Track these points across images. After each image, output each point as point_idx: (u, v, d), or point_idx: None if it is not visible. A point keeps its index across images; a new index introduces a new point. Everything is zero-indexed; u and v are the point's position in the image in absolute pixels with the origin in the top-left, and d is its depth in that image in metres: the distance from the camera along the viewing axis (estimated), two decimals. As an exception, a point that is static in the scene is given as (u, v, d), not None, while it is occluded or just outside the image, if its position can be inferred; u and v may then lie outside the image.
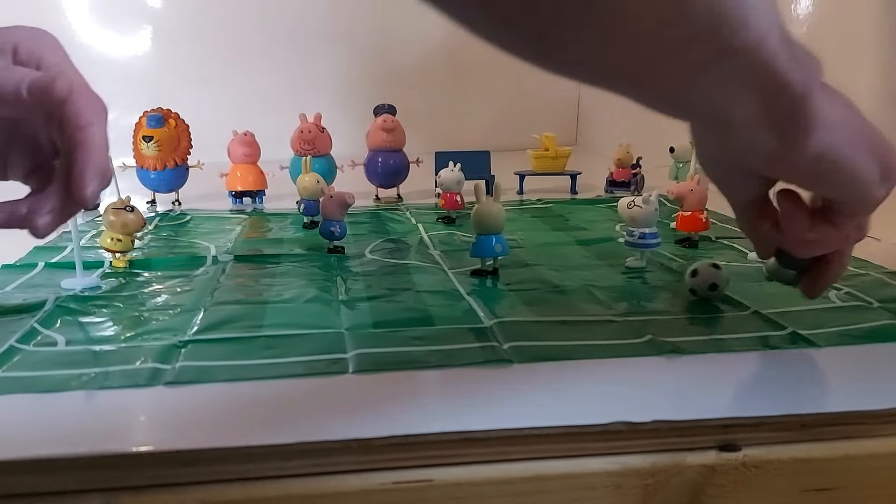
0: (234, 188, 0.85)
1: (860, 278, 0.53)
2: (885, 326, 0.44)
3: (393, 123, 0.86)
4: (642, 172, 0.91)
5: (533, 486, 0.31)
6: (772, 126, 0.32)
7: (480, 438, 0.31)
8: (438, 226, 0.74)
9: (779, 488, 0.33)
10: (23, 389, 0.35)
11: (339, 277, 0.55)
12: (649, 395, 0.36)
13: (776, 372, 0.39)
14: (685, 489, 0.32)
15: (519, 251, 0.63)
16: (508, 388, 0.36)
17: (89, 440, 0.30)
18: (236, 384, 0.36)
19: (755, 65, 0.29)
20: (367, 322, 0.45)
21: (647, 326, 0.44)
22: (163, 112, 0.82)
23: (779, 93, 0.31)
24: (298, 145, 0.84)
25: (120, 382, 0.36)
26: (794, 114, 0.31)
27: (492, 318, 0.45)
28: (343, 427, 0.31)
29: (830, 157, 0.33)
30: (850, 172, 0.34)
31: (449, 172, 0.75)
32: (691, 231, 0.65)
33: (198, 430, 0.31)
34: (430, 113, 0.65)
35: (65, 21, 1.29)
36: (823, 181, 0.35)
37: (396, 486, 0.30)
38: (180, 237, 0.70)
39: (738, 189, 0.40)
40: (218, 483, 0.30)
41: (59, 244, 0.65)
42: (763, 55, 0.29)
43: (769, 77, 0.30)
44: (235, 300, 0.50)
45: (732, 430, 0.33)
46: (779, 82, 0.30)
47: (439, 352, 0.40)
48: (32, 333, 0.43)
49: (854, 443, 0.33)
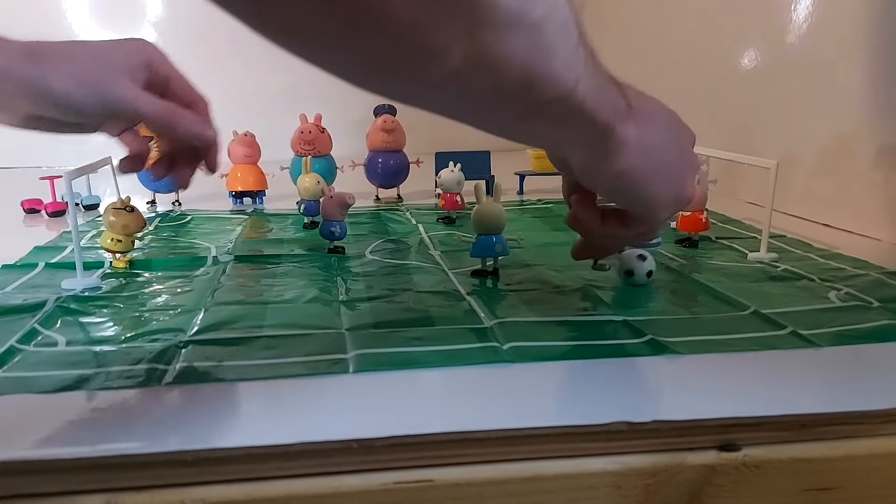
0: (234, 188, 0.85)
1: (860, 278, 0.53)
2: (884, 326, 0.44)
3: (393, 124, 0.86)
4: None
5: (533, 486, 0.31)
6: (583, 147, 0.38)
7: (480, 438, 0.31)
8: (438, 226, 0.74)
9: (779, 488, 0.33)
10: (23, 389, 0.35)
11: (340, 278, 0.55)
12: (649, 394, 0.36)
13: (776, 372, 0.39)
14: (685, 489, 0.32)
15: (519, 251, 0.63)
16: (508, 388, 0.36)
17: (90, 440, 0.30)
18: (236, 384, 0.36)
19: (567, 109, 0.34)
20: (368, 322, 0.45)
21: (647, 326, 0.44)
22: (163, 112, 0.81)
23: (589, 126, 0.36)
24: (298, 145, 0.84)
25: (120, 383, 0.36)
26: (601, 142, 0.37)
27: (492, 318, 0.45)
28: (343, 427, 0.31)
29: (628, 177, 0.39)
30: (643, 193, 0.40)
31: (449, 172, 0.75)
32: (691, 231, 0.65)
33: (198, 430, 0.31)
34: (430, 113, 0.65)
35: (65, 21, 1.29)
36: (619, 195, 0.42)
37: (397, 487, 0.30)
38: (180, 237, 0.70)
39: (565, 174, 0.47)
40: (218, 483, 0.30)
41: (59, 244, 0.65)
42: (573, 102, 0.34)
43: (579, 116, 0.35)
44: (236, 300, 0.50)
45: (732, 430, 0.33)
46: (587, 120, 0.35)
47: (439, 352, 0.40)
48: (33, 334, 0.43)
49: (854, 442, 0.33)
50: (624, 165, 0.38)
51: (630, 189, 0.40)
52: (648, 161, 0.39)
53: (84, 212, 0.83)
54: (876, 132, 0.67)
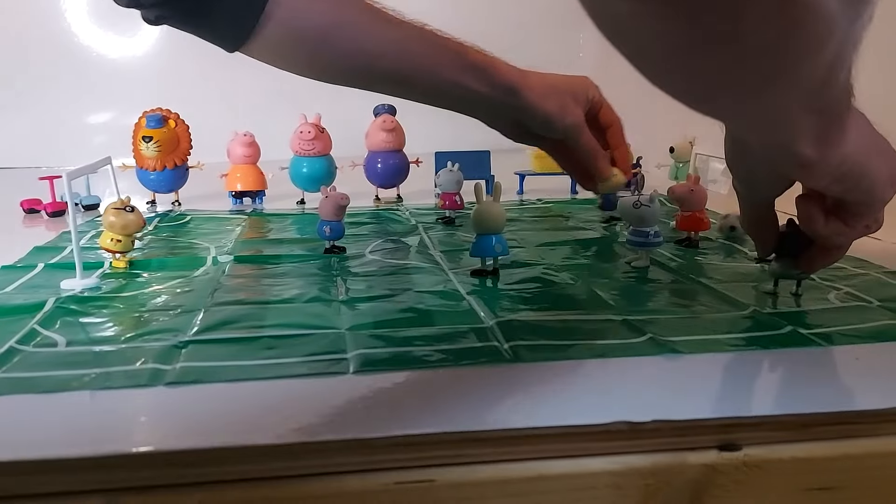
0: (233, 188, 0.85)
1: (860, 278, 0.53)
2: (884, 326, 0.44)
3: (393, 124, 0.86)
4: (642, 172, 0.91)
5: (534, 485, 0.31)
6: (813, 139, 0.35)
7: (481, 438, 0.31)
8: (438, 226, 0.74)
9: (779, 487, 0.33)
10: (23, 390, 0.35)
11: (340, 278, 0.55)
12: (650, 394, 0.36)
13: (776, 372, 0.39)
14: (686, 489, 0.32)
15: (519, 251, 0.63)
16: (508, 388, 0.36)
17: (90, 441, 0.30)
18: (237, 384, 0.36)
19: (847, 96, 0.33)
20: (368, 322, 0.45)
21: (647, 326, 0.44)
22: (163, 112, 0.82)
23: (829, 114, 0.34)
24: (298, 145, 0.84)
25: (120, 383, 0.36)
26: (835, 128, 0.36)
27: (492, 318, 0.45)
28: (344, 427, 0.31)
29: (850, 161, 0.38)
30: (866, 175, 0.39)
31: (448, 172, 0.75)
32: (691, 231, 0.65)
33: (198, 430, 0.31)
34: (430, 113, 0.65)
35: (64, 22, 1.29)
36: (842, 182, 0.40)
37: (398, 487, 0.30)
38: (180, 238, 0.70)
39: (758, 188, 0.45)
40: (218, 483, 0.30)
41: (58, 245, 0.65)
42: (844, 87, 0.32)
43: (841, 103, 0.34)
44: (236, 300, 0.50)
45: (733, 430, 0.32)
46: (844, 105, 0.34)
47: (439, 352, 0.40)
48: (32, 334, 0.43)
49: (854, 442, 0.33)
50: (848, 149, 0.37)
51: (853, 174, 0.39)
52: (866, 141, 0.39)
53: (84, 212, 0.83)
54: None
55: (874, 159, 0.40)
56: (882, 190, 0.41)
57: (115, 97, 1.31)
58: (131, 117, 0.83)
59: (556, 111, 0.54)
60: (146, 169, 0.82)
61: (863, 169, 0.39)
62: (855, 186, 0.40)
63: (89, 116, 1.33)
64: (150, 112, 0.81)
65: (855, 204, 0.42)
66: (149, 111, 0.81)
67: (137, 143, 0.81)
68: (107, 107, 1.33)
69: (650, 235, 0.57)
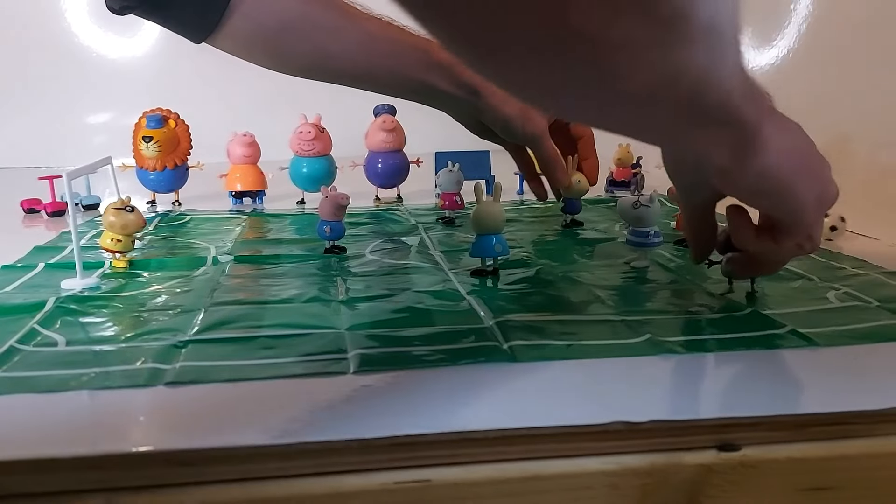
0: (233, 189, 0.85)
1: (859, 278, 0.53)
2: (884, 326, 0.44)
3: (393, 124, 0.86)
4: (642, 172, 0.91)
5: (530, 485, 0.31)
6: (729, 148, 0.36)
7: (479, 438, 0.31)
8: (438, 226, 0.74)
9: (777, 488, 0.33)
10: (23, 389, 0.36)
11: (339, 278, 0.55)
12: (647, 394, 0.36)
13: (774, 371, 0.39)
14: (683, 489, 0.32)
15: (519, 251, 0.63)
16: (508, 388, 0.36)
17: (89, 440, 0.30)
18: (236, 384, 0.36)
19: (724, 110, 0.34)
20: (368, 322, 0.45)
21: (647, 326, 0.44)
22: (163, 112, 0.82)
23: (737, 126, 0.35)
24: (298, 145, 0.84)
25: (120, 382, 0.36)
26: (748, 140, 0.36)
27: (492, 318, 0.45)
28: (343, 427, 0.31)
29: (772, 176, 0.38)
30: (788, 192, 0.39)
31: (447, 172, 0.75)
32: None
33: (198, 430, 0.31)
34: (430, 113, 0.65)
35: (64, 22, 1.30)
36: (763, 197, 0.40)
37: (397, 487, 0.30)
38: (180, 238, 0.70)
39: (693, 192, 0.46)
40: (218, 483, 0.30)
41: (58, 244, 0.65)
42: (732, 104, 0.33)
43: (730, 115, 0.34)
44: (235, 300, 0.50)
45: (730, 430, 0.33)
46: (738, 119, 0.35)
47: (439, 352, 0.40)
48: (32, 334, 0.43)
49: (852, 442, 0.33)
50: (768, 162, 0.37)
51: (774, 190, 0.39)
52: (790, 158, 0.38)
53: (84, 212, 0.83)
54: (874, 132, 0.67)
55: (802, 179, 0.39)
56: (806, 212, 0.40)
57: (114, 97, 1.31)
58: (131, 117, 0.83)
59: (516, 117, 0.54)
60: (146, 169, 0.82)
61: (787, 187, 0.38)
62: (779, 203, 0.40)
63: (89, 116, 1.33)
64: (150, 112, 0.81)
65: (780, 222, 0.42)
66: (149, 111, 0.81)
67: (137, 143, 0.81)
68: (107, 107, 1.33)
69: (650, 236, 0.57)
